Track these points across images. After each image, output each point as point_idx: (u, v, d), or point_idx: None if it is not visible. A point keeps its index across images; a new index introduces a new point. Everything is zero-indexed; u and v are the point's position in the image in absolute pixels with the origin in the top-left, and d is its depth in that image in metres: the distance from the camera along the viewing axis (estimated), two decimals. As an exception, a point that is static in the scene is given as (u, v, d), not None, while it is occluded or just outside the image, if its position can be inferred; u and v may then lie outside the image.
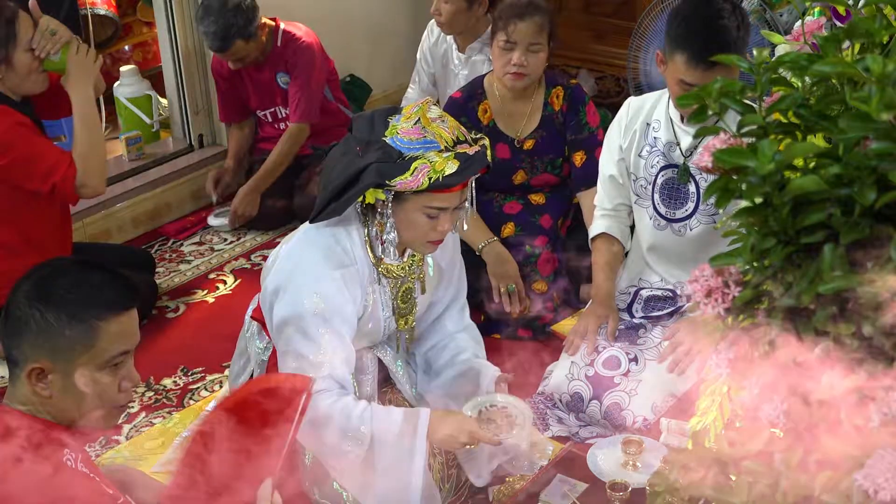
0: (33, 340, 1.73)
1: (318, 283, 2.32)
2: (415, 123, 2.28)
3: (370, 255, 2.40)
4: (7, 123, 3.10)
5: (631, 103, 2.98)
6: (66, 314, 1.73)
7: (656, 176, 2.91)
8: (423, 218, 2.32)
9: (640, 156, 2.92)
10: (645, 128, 2.91)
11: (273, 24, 4.19)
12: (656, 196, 2.92)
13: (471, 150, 2.28)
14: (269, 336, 2.50)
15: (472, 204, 2.42)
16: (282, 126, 4.34)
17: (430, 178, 2.24)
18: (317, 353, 2.30)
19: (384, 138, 2.28)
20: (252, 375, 2.58)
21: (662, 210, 2.93)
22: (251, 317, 2.58)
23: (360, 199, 2.31)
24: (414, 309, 2.58)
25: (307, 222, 2.42)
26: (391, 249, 2.38)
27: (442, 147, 2.26)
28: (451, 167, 2.24)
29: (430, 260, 2.57)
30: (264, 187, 4.21)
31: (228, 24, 3.97)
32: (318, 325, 2.31)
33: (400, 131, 2.28)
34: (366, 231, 2.39)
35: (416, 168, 2.23)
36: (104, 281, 1.79)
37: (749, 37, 2.69)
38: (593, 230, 3.07)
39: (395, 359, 2.61)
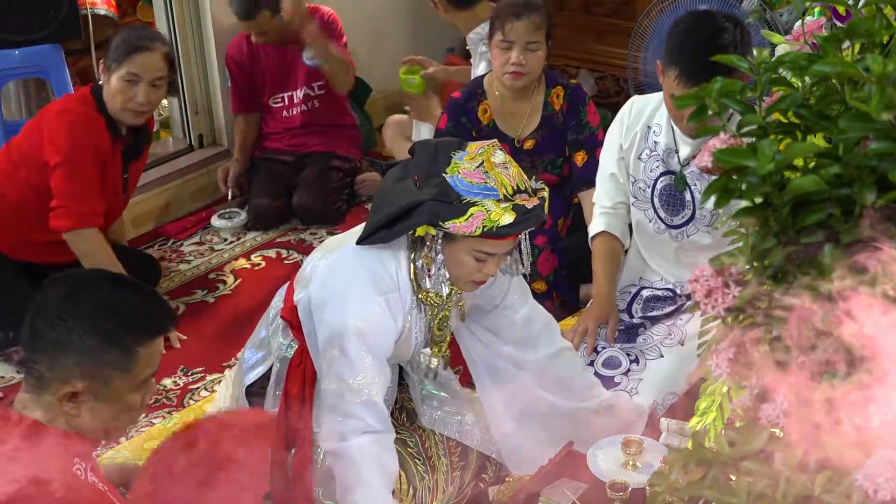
0: (68, 362, 1.68)
1: (363, 307, 2.30)
2: (478, 166, 2.24)
3: (413, 282, 2.38)
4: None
5: (634, 103, 2.96)
6: (106, 340, 1.68)
7: (655, 181, 2.90)
8: (470, 260, 2.30)
9: (639, 158, 2.91)
10: (646, 130, 2.90)
11: None
12: (656, 200, 2.91)
13: (529, 204, 2.25)
14: (293, 335, 2.50)
15: (528, 259, 2.41)
16: (294, 111, 4.34)
17: (483, 227, 2.20)
18: (355, 377, 2.29)
19: (444, 175, 2.24)
20: (271, 369, 2.58)
21: (662, 215, 2.92)
22: (281, 316, 2.56)
23: (411, 230, 2.29)
24: (447, 337, 2.57)
25: (351, 236, 2.38)
26: (441, 286, 2.34)
27: (501, 196, 2.22)
28: (507, 219, 2.20)
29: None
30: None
31: None
32: (359, 348, 2.29)
33: (461, 171, 2.24)
34: (412, 258, 2.36)
35: (471, 214, 2.20)
36: (144, 304, 1.76)
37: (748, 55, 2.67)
38: (593, 228, 3.06)
39: (414, 371, 2.62)
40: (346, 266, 2.35)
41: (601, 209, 3.05)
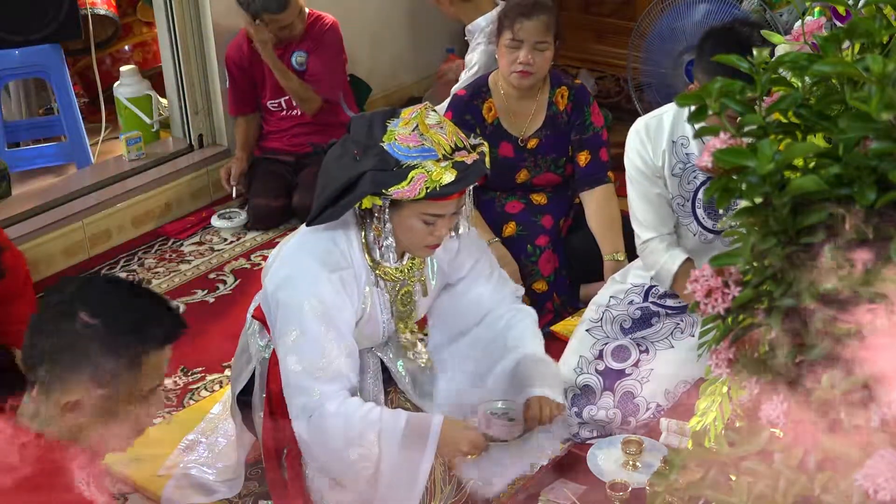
0: (71, 367, 1.61)
1: (316, 287, 2.31)
2: (413, 130, 2.25)
3: (367, 258, 2.39)
4: None
5: (648, 124, 2.87)
6: (110, 345, 1.61)
7: (696, 191, 2.87)
8: (420, 224, 2.31)
9: (673, 175, 2.87)
10: (672, 146, 2.84)
11: None
12: (699, 211, 2.88)
13: (469, 159, 2.26)
14: (269, 334, 2.50)
15: (472, 206, 2.41)
16: (292, 113, 4.34)
17: (426, 188, 2.22)
18: (320, 355, 2.29)
19: (382, 143, 2.26)
20: (254, 373, 2.58)
21: (709, 224, 2.88)
22: (252, 315, 2.58)
23: (357, 203, 2.30)
24: (414, 312, 2.57)
25: (304, 224, 2.41)
26: (389, 254, 2.37)
27: (440, 155, 2.23)
28: (449, 177, 2.22)
29: (430, 262, 2.56)
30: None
31: None
32: (318, 326, 2.29)
33: (398, 137, 2.25)
34: (363, 234, 2.38)
35: (412, 178, 2.21)
36: (152, 311, 1.70)
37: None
38: (674, 261, 2.86)
39: (395, 359, 2.60)
40: (296, 249, 2.37)
41: (664, 239, 2.88)
